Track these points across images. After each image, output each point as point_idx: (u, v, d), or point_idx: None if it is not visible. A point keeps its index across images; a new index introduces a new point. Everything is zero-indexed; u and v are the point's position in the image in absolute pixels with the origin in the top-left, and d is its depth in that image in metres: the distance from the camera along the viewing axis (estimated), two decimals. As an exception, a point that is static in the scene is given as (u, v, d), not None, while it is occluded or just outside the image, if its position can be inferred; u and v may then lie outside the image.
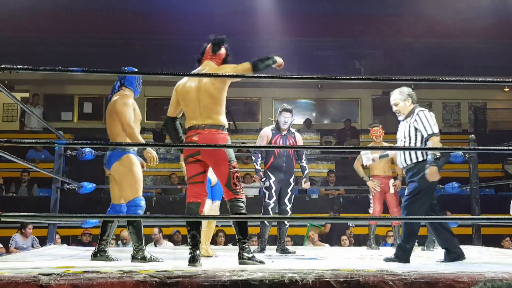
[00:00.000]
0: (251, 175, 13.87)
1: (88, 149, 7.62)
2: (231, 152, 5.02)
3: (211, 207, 6.80)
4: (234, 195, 4.98)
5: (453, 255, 5.60)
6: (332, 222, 11.96)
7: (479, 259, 6.15)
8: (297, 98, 19.49)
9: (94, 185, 8.67)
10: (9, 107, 18.89)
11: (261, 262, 4.83)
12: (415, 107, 5.83)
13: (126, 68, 5.75)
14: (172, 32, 17.57)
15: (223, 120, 5.08)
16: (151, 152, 5.53)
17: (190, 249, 4.88)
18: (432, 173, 5.41)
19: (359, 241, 11.68)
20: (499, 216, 7.51)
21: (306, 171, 7.46)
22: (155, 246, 10.41)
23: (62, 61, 14.08)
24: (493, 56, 18.50)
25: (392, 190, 8.14)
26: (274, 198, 7.11)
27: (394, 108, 5.92)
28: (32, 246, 10.40)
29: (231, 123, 17.74)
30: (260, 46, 17.86)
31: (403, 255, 5.51)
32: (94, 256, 5.55)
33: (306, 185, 7.46)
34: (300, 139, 7.45)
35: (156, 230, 10.61)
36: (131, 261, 5.26)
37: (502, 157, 15.77)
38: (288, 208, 7.14)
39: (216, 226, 11.95)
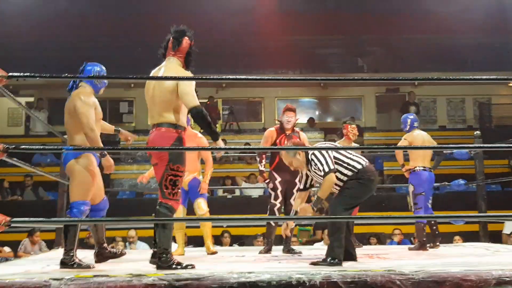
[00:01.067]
0: (256, 175, 13.88)
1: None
2: (175, 154, 4.77)
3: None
4: (162, 198, 4.79)
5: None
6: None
7: (486, 257, 6.14)
8: (300, 97, 19.49)
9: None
10: (14, 112, 18.93)
11: (186, 266, 4.63)
12: (306, 154, 5.56)
13: (87, 64, 5.53)
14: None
15: (175, 118, 4.82)
16: (109, 160, 5.15)
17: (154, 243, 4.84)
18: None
19: (364, 240, 11.67)
20: (506, 213, 7.52)
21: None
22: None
23: (68, 65, 14.12)
24: (497, 51, 18.47)
25: None
26: (280, 198, 7.10)
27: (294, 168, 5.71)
28: (40, 250, 10.47)
29: (234, 123, 17.78)
30: (262, 45, 17.88)
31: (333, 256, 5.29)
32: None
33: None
34: (305, 139, 7.43)
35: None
36: (60, 267, 4.89)
37: (508, 153, 15.73)
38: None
39: (221, 226, 12.02)
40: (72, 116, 5.15)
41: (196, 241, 11.24)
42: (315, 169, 5.43)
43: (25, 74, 4.07)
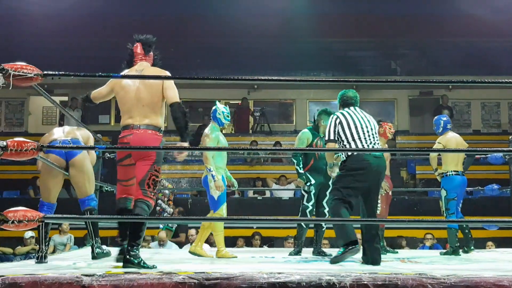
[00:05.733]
0: (286, 177, 13.88)
1: None
2: (160, 156, 4.99)
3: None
4: (143, 195, 4.88)
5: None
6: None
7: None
8: (332, 99, 19.38)
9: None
10: (48, 111, 19.18)
11: (151, 266, 4.71)
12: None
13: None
14: (205, 35, 17.65)
15: (161, 122, 5.07)
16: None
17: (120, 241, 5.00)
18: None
19: (393, 244, 11.58)
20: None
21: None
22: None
23: (99, 65, 14.27)
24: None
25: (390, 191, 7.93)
26: (313, 201, 7.07)
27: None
28: (69, 241, 11.05)
29: (265, 124, 17.77)
30: (294, 47, 17.86)
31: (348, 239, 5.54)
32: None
33: None
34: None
35: (193, 231, 10.68)
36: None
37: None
38: (326, 211, 7.08)
39: (251, 228, 12.03)
40: None
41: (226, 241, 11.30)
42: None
43: (60, 72, 4.12)
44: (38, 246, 5.70)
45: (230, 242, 11.28)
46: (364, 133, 5.82)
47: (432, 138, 8.69)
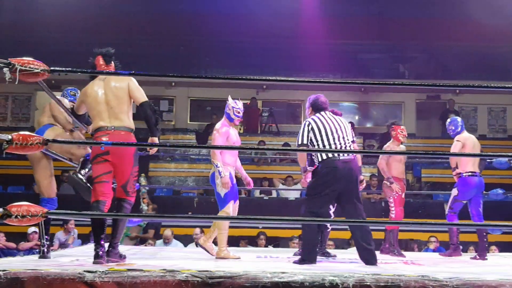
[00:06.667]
0: (293, 178, 13.88)
1: None
2: (137, 157, 5.32)
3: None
4: (125, 195, 5.26)
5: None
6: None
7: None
8: (340, 101, 19.37)
9: (138, 184, 8.75)
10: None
11: (124, 256, 5.24)
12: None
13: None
14: (215, 34, 17.66)
15: (131, 122, 5.35)
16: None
17: (94, 245, 5.09)
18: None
19: (401, 245, 11.56)
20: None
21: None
22: (196, 246, 10.47)
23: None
24: (541, 61, 18.17)
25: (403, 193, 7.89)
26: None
27: None
28: (73, 236, 11.13)
29: (273, 125, 17.77)
30: (304, 48, 17.85)
31: (309, 255, 5.66)
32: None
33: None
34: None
35: (197, 230, 10.69)
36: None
37: (548, 164, 15.47)
38: (331, 212, 7.08)
39: (257, 227, 12.03)
40: None
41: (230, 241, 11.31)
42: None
43: (67, 69, 4.13)
44: (40, 241, 5.79)
45: (234, 241, 11.31)
46: (335, 138, 5.96)
47: (439, 141, 8.71)
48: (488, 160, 9.07)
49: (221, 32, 17.38)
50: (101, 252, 5.02)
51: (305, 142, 5.95)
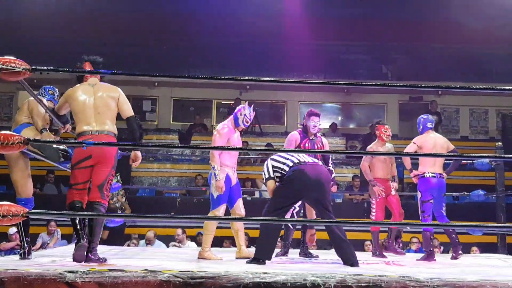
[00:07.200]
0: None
1: None
2: (116, 161, 5.41)
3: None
4: (101, 199, 5.25)
5: None
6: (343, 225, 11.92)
7: (503, 268, 6.11)
8: (323, 102, 19.43)
9: (120, 185, 8.74)
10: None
11: (105, 260, 5.16)
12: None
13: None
14: (198, 34, 17.65)
15: (114, 128, 5.43)
16: None
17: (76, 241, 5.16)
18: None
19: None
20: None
21: (333, 175, 7.39)
22: (179, 246, 10.46)
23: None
24: (522, 63, 18.34)
25: (393, 192, 7.86)
26: (300, 202, 7.08)
27: None
28: (57, 236, 11.10)
29: (256, 125, 17.78)
30: (287, 49, 17.88)
31: (262, 255, 5.70)
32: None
33: (333, 188, 7.32)
34: (326, 143, 7.42)
35: (179, 231, 10.66)
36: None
37: (529, 166, 15.61)
38: (295, 212, 7.06)
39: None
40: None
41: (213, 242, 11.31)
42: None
43: (49, 68, 4.11)
44: (22, 242, 5.76)
45: (218, 242, 11.29)
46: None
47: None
48: (469, 162, 9.13)
49: (205, 32, 17.37)
50: (85, 242, 5.08)
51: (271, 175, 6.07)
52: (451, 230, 7.39)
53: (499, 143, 8.99)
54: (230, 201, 6.64)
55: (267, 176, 6.03)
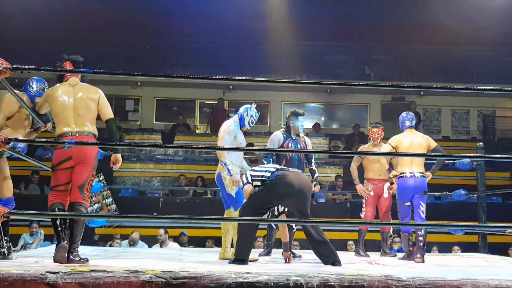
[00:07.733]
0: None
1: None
2: (97, 161, 5.40)
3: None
4: (82, 199, 5.24)
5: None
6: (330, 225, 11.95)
7: (484, 267, 6.15)
8: (306, 102, 19.47)
9: (102, 184, 8.69)
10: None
11: (86, 260, 5.12)
12: None
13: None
14: (181, 33, 17.64)
15: (94, 129, 5.43)
16: None
17: (56, 245, 5.18)
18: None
19: (369, 246, 11.60)
20: (506, 224, 7.51)
21: (316, 175, 7.40)
22: (161, 247, 10.43)
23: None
24: (503, 64, 18.50)
25: (386, 195, 7.87)
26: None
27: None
28: (39, 236, 10.97)
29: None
30: (270, 49, 17.90)
31: (242, 254, 5.72)
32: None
33: (316, 188, 7.33)
34: (309, 143, 7.43)
35: (162, 231, 10.62)
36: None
37: (510, 165, 15.69)
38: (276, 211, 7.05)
39: (220, 228, 11.98)
40: None
41: (196, 242, 11.32)
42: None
43: (30, 66, 4.08)
44: (1, 242, 5.69)
45: (200, 242, 11.28)
46: None
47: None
48: (451, 162, 9.17)
49: (188, 32, 17.36)
50: (65, 243, 5.10)
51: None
52: (420, 233, 7.18)
53: (480, 143, 9.03)
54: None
55: (245, 181, 5.98)
